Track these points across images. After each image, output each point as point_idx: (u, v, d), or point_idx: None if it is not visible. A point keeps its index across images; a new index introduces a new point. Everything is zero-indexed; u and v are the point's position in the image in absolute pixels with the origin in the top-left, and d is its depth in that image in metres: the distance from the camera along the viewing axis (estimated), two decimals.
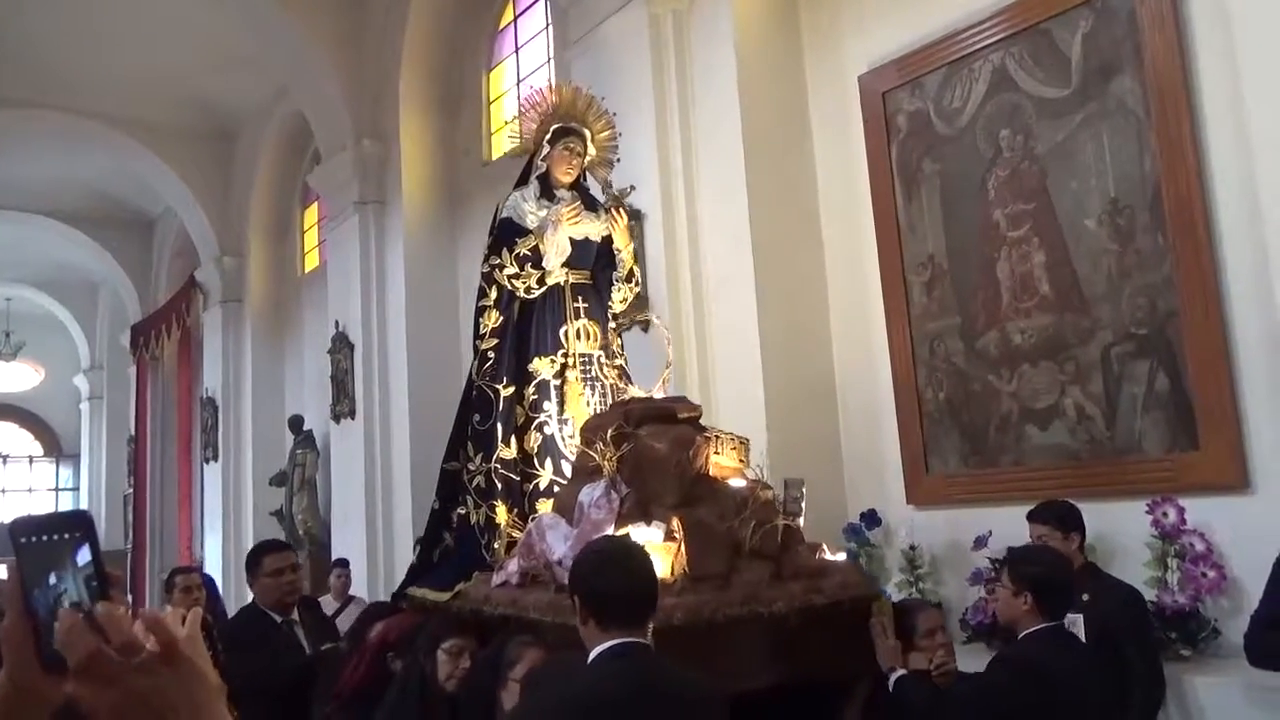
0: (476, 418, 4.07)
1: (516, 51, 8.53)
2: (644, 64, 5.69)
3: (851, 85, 5.48)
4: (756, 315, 5.26)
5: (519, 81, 8.43)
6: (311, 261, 11.78)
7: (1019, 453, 4.70)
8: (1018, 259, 4.72)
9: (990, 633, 4.34)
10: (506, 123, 8.68)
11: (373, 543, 8.54)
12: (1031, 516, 3.80)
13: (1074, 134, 4.52)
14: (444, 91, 9.01)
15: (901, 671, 2.97)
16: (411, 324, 8.54)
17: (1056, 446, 4.56)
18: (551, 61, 7.86)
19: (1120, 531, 4.15)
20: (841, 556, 3.47)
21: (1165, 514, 4.02)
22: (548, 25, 8.02)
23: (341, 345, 9.14)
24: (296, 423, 10.71)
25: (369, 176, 8.97)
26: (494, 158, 8.60)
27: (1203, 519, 3.99)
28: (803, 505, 3.31)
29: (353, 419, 8.99)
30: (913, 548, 4.98)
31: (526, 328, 4.10)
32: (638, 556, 2.43)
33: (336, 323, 9.27)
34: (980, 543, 4.59)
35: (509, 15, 8.66)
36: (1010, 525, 4.24)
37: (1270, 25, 3.73)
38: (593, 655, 2.26)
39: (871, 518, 5.15)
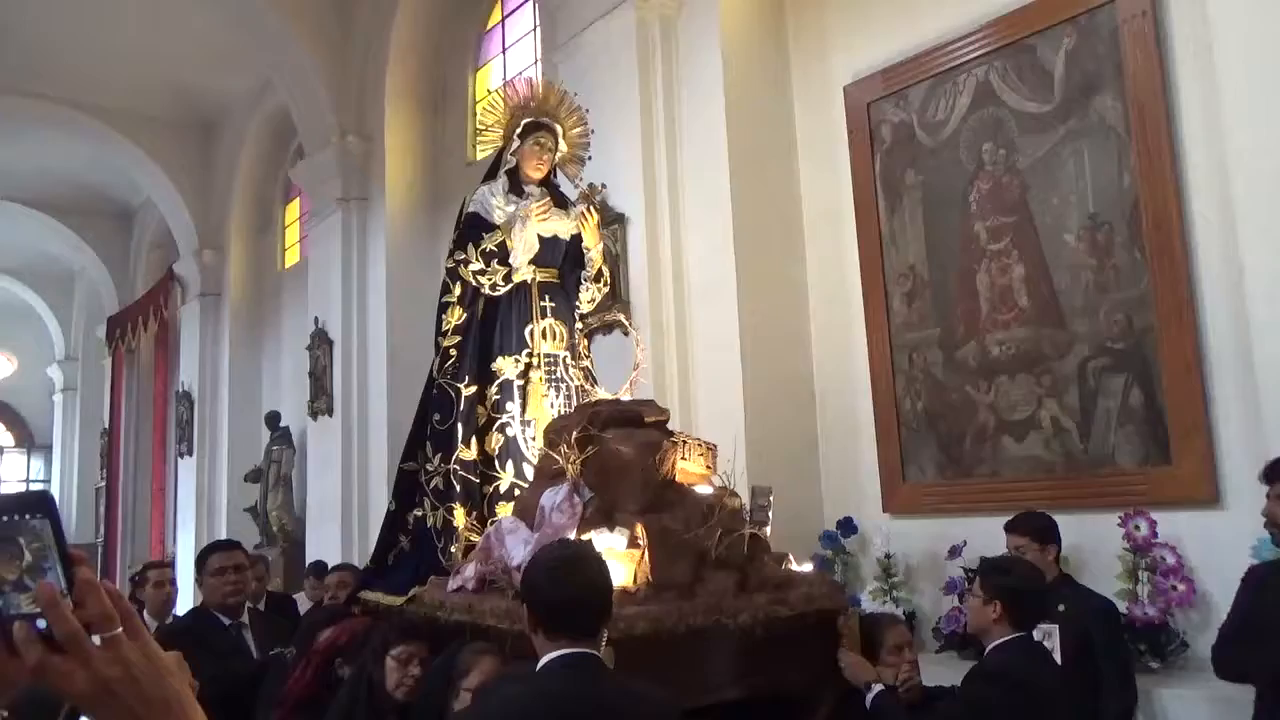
0: (436, 417, 3.96)
1: (504, 52, 8.52)
2: (631, 68, 5.71)
3: (837, 95, 5.52)
4: (737, 321, 5.27)
5: (505, 83, 8.42)
6: (292, 257, 11.71)
7: (995, 464, 4.74)
8: (997, 271, 4.77)
9: (963, 643, 4.37)
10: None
11: (347, 541, 8.49)
12: (1009, 528, 3.83)
13: (1055, 149, 4.57)
14: (430, 90, 8.99)
15: (880, 687, 2.92)
16: (392, 322, 8.51)
17: (1032, 458, 4.60)
18: (538, 63, 7.85)
19: (1092, 543, 4.20)
20: (809, 567, 3.40)
21: (1137, 527, 4.07)
22: (535, 27, 8.01)
23: (320, 342, 9.10)
24: (273, 419, 10.64)
25: (352, 173, 8.94)
26: (478, 158, 8.58)
27: (1174, 532, 4.04)
28: (770, 514, 3.23)
29: (330, 416, 8.95)
30: (888, 556, 5.01)
31: (491, 326, 3.99)
32: (591, 564, 2.32)
33: (316, 319, 9.22)
34: (955, 552, 4.62)
35: (497, 16, 8.66)
36: (985, 535, 4.28)
37: (1249, 47, 3.79)
38: (539, 665, 2.19)
39: (848, 525, 5.18)
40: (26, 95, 10.86)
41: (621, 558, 2.83)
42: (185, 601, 10.30)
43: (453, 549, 3.75)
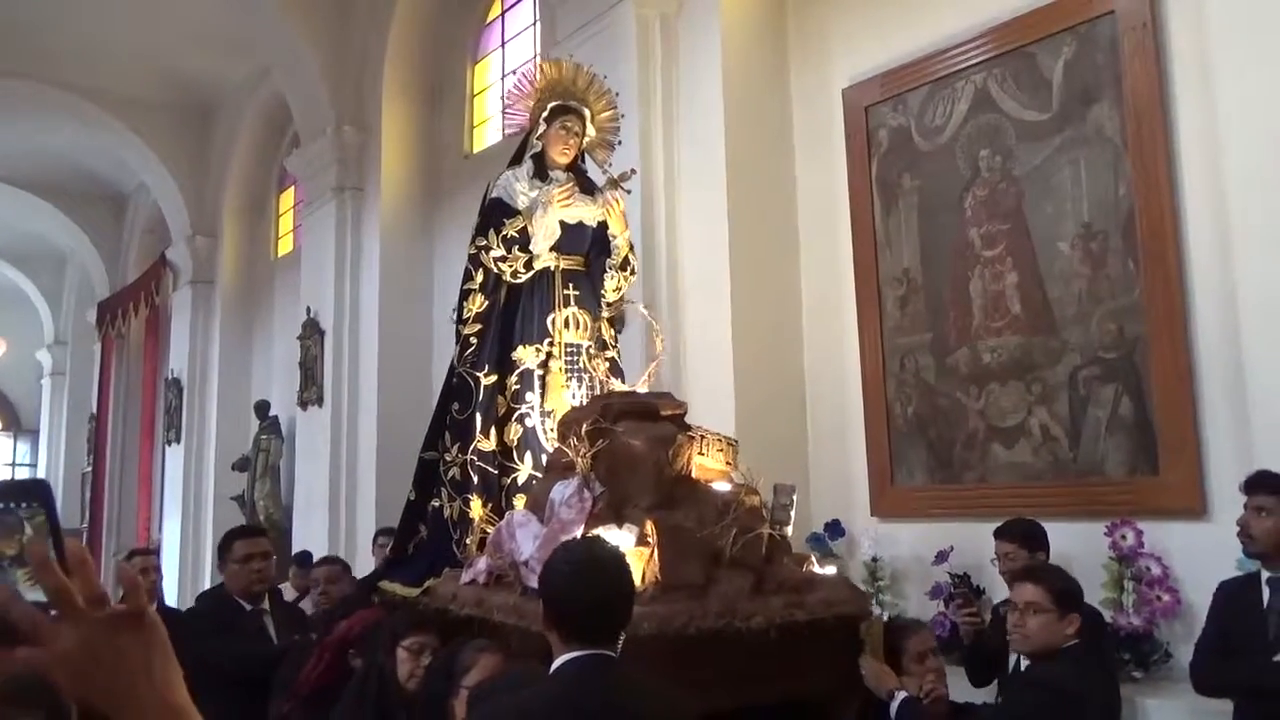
0: (455, 406, 3.86)
1: (503, 46, 8.50)
2: (630, 65, 5.70)
3: (835, 98, 5.52)
4: (730, 321, 5.28)
5: (504, 76, 8.40)
6: (285, 246, 11.67)
7: (984, 470, 4.75)
8: (991, 278, 4.77)
9: (948, 647, 4.37)
10: (502, 108, 8.64)
11: (334, 532, 8.47)
12: (999, 534, 3.83)
13: (1052, 157, 4.57)
14: (428, 82, 8.97)
15: (904, 695, 2.78)
16: (384, 314, 8.49)
17: (1020, 465, 4.61)
18: (537, 58, 7.84)
19: (1078, 552, 4.19)
20: (831, 570, 3.27)
21: (1124, 536, 4.08)
22: (535, 21, 8.00)
23: (312, 332, 9.07)
24: (262, 408, 10.61)
25: (348, 163, 8.91)
26: (475, 151, 8.57)
27: (1160, 543, 4.06)
28: (791, 514, 3.12)
29: (320, 406, 8.92)
30: (875, 559, 5.01)
31: (512, 314, 3.88)
32: (611, 568, 2.22)
33: (308, 309, 9.19)
34: (942, 557, 4.63)
35: (496, 10, 8.64)
36: (972, 541, 4.29)
37: (1247, 62, 3.81)
38: (553, 667, 2.14)
39: (835, 528, 5.18)
40: (20, 77, 10.79)
41: (629, 555, 2.70)
42: (170, 588, 10.28)
43: (468, 541, 3.66)
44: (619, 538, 2.79)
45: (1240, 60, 3.83)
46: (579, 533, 2.91)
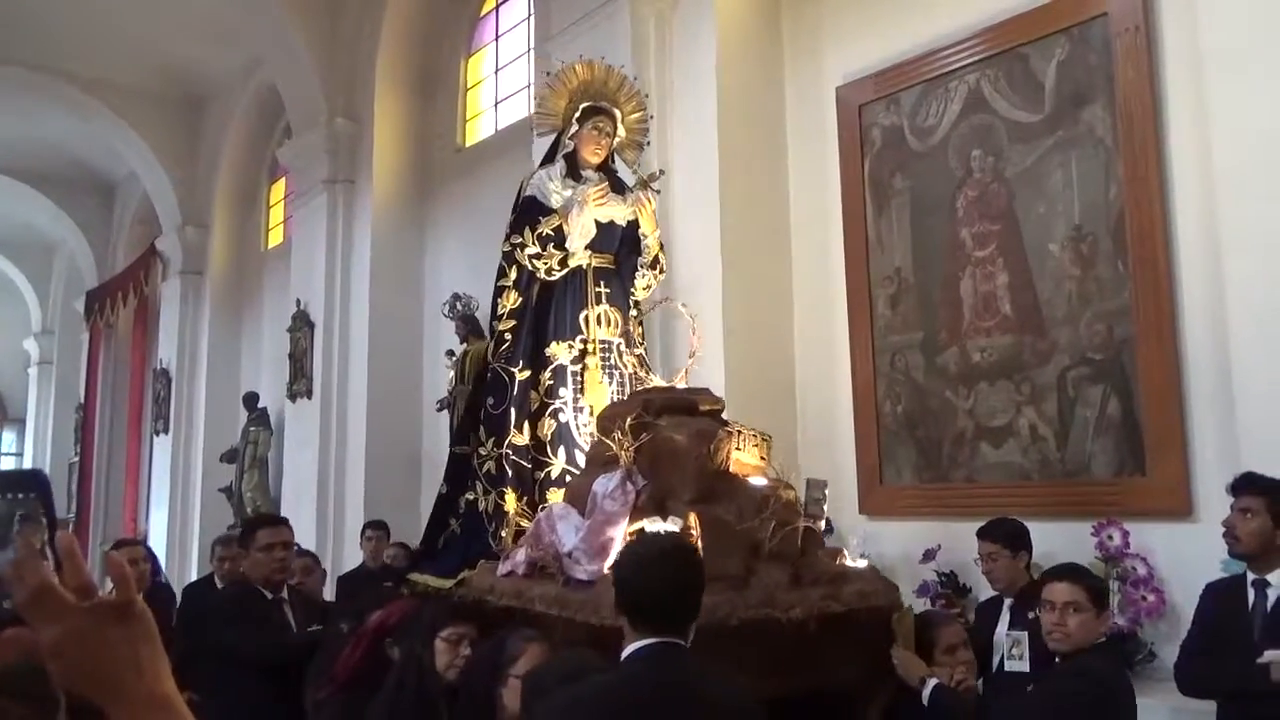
0: (490, 401, 3.92)
1: (496, 39, 8.49)
2: (624, 62, 5.66)
3: (829, 96, 5.52)
4: (721, 318, 5.27)
5: (497, 70, 8.40)
6: (276, 237, 11.64)
7: (972, 469, 4.77)
8: (981, 278, 4.79)
9: None
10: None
11: (323, 524, 8.47)
12: (982, 534, 3.85)
13: (1043, 159, 4.59)
14: (420, 75, 8.95)
15: (935, 681, 2.83)
16: (375, 307, 8.49)
17: (1008, 465, 4.63)
18: (531, 52, 7.83)
19: (1065, 552, 4.19)
20: (863, 563, 3.34)
21: (1110, 537, 4.11)
22: (530, 15, 7.99)
23: (302, 324, 9.05)
24: (251, 399, 10.58)
25: (340, 155, 8.89)
26: (467, 144, 8.56)
27: (1146, 543, 4.08)
28: (824, 508, 3.19)
29: (309, 399, 8.90)
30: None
31: (545, 310, 3.96)
32: (680, 558, 2.30)
33: (298, 301, 9.17)
34: (929, 556, 4.65)
35: (491, 3, 8.62)
36: (959, 540, 4.31)
37: (1238, 65, 3.82)
38: (624, 654, 2.21)
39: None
40: (11, 64, 10.73)
41: None
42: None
43: (503, 533, 3.73)
44: (663, 529, 2.84)
45: (1232, 63, 3.85)
46: (623, 524, 2.96)
